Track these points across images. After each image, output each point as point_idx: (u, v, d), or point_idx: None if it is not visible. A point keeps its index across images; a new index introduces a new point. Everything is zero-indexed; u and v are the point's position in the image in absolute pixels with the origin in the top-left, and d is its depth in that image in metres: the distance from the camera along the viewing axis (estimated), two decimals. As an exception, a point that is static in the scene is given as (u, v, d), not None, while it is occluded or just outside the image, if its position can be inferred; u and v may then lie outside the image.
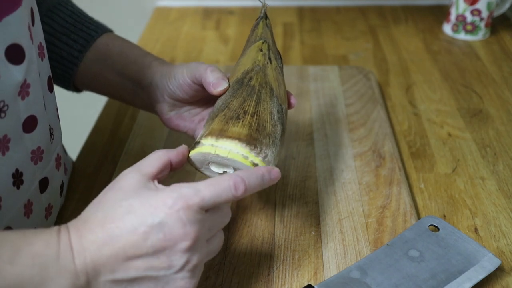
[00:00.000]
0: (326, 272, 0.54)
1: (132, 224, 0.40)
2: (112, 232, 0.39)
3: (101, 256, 0.39)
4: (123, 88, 0.63)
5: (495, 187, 0.66)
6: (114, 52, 0.64)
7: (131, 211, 0.40)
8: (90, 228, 0.40)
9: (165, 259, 0.41)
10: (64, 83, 0.66)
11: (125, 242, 0.39)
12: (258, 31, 0.59)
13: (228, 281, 0.53)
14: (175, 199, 0.41)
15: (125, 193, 0.42)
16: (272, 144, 0.50)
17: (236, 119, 0.50)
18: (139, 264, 0.40)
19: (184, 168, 0.48)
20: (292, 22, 1.11)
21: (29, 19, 0.47)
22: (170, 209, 0.40)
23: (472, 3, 0.99)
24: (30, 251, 0.38)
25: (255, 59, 0.56)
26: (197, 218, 0.41)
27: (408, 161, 0.71)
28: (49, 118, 0.53)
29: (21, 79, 0.45)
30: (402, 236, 0.55)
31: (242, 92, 0.53)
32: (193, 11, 1.16)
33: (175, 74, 0.58)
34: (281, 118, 0.53)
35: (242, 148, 0.48)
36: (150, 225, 0.40)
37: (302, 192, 0.64)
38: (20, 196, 0.49)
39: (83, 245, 0.39)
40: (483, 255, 0.53)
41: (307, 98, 0.82)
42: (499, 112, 0.81)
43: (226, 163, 0.49)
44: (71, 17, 0.64)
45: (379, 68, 0.94)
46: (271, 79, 0.54)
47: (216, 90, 0.54)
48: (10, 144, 0.45)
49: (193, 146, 0.50)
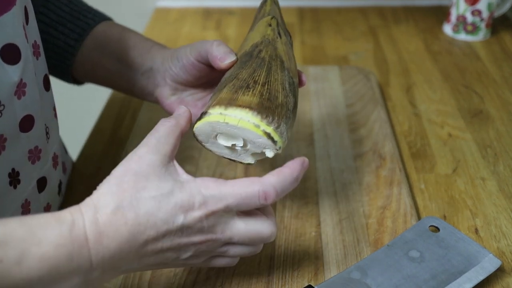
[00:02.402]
0: (326, 272, 0.54)
1: (155, 223, 0.40)
2: (135, 230, 0.39)
3: (121, 253, 0.39)
4: (122, 75, 0.62)
5: (495, 187, 0.66)
6: (112, 39, 0.62)
7: (155, 208, 0.40)
8: (111, 224, 0.38)
9: (175, 254, 0.42)
10: (62, 74, 0.65)
11: (146, 239, 0.40)
12: (267, 8, 0.57)
13: (229, 281, 0.53)
14: (200, 204, 0.41)
15: (147, 182, 0.40)
16: (284, 115, 0.47)
17: (246, 88, 0.47)
18: (153, 259, 0.41)
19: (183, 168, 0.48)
20: (292, 22, 1.11)
21: (24, 18, 0.47)
22: (193, 213, 0.40)
23: (472, 4, 0.99)
24: (39, 253, 0.36)
25: (264, 34, 0.53)
26: (218, 222, 0.42)
27: (408, 161, 0.71)
28: (45, 118, 0.53)
29: (17, 79, 0.45)
30: (403, 236, 0.55)
31: (252, 64, 0.50)
32: (193, 11, 1.16)
33: (178, 55, 0.57)
34: (293, 90, 0.50)
35: (253, 117, 0.45)
36: (172, 226, 0.40)
37: (302, 193, 0.64)
38: (17, 195, 0.49)
39: (102, 243, 0.38)
40: (484, 256, 0.53)
41: (307, 98, 0.82)
42: (499, 112, 0.81)
43: (236, 134, 0.46)
44: (68, 6, 0.63)
45: (380, 68, 0.94)
46: (281, 52, 0.52)
47: (224, 63, 0.52)
48: (7, 144, 0.45)
49: (200, 117, 0.47)
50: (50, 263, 0.36)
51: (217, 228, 0.42)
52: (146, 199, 0.40)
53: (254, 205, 0.42)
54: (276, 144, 0.46)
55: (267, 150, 0.47)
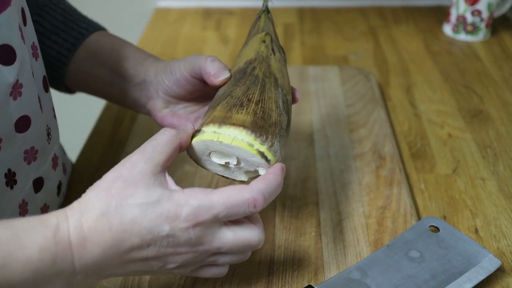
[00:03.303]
0: (326, 272, 0.54)
1: (139, 231, 0.39)
2: (120, 236, 0.39)
3: (104, 259, 0.39)
4: (114, 86, 0.61)
5: (495, 187, 0.66)
6: (105, 49, 0.62)
7: (140, 216, 0.39)
8: (96, 229, 0.39)
9: (161, 263, 0.41)
10: (55, 83, 0.65)
11: (131, 246, 0.39)
12: (260, 24, 0.57)
13: (228, 282, 0.53)
14: (187, 214, 0.40)
15: (135, 189, 0.40)
16: (278, 133, 0.47)
17: (240, 106, 0.47)
18: (137, 266, 0.41)
19: (183, 168, 0.48)
20: (292, 22, 1.11)
21: (20, 20, 0.47)
22: (179, 223, 0.40)
23: (472, 4, 0.99)
24: (23, 256, 0.36)
25: (258, 50, 0.53)
26: (206, 232, 0.41)
27: (408, 161, 0.71)
28: (46, 118, 0.53)
29: (12, 80, 0.45)
30: (403, 236, 0.55)
31: (246, 81, 0.50)
32: (193, 11, 1.16)
33: (172, 68, 0.56)
34: (286, 108, 0.50)
35: (247, 136, 0.45)
36: (157, 235, 0.40)
37: (302, 193, 0.64)
38: (14, 196, 0.49)
39: (86, 248, 0.38)
40: (484, 256, 0.53)
41: (307, 98, 0.82)
42: (499, 112, 0.81)
43: (229, 152, 0.46)
44: (62, 15, 0.63)
45: (380, 68, 0.94)
46: (275, 69, 0.52)
47: (217, 80, 0.52)
48: (2, 144, 0.45)
49: (194, 135, 0.47)
50: (34, 266, 0.36)
51: (205, 239, 0.42)
52: (132, 207, 0.40)
53: (243, 213, 0.42)
54: (269, 162, 0.46)
55: (261, 168, 0.48)
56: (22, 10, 0.48)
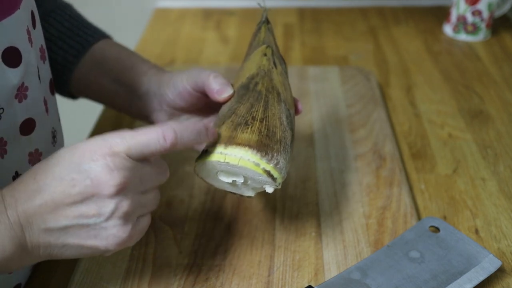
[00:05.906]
0: (326, 273, 0.54)
1: (60, 172, 0.40)
2: (42, 181, 0.40)
3: (31, 206, 0.40)
4: (118, 95, 0.62)
5: (495, 188, 0.66)
6: (110, 58, 0.63)
7: (60, 162, 0.40)
8: (21, 179, 0.41)
9: (93, 206, 0.40)
10: (58, 88, 0.65)
11: (53, 190, 0.40)
12: (261, 36, 0.57)
13: (228, 282, 0.53)
14: (101, 146, 0.41)
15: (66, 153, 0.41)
16: (283, 150, 0.48)
17: (245, 125, 0.48)
18: (68, 212, 0.40)
19: (183, 168, 0.48)
20: (292, 22, 1.11)
21: (29, 22, 0.47)
22: (96, 155, 0.40)
23: (472, 4, 0.99)
24: None
25: (259, 64, 0.54)
26: (125, 165, 0.41)
27: (408, 162, 0.71)
28: (52, 121, 0.53)
29: (17, 82, 0.45)
30: (403, 237, 0.55)
31: (249, 98, 0.51)
32: (193, 12, 1.16)
33: (175, 82, 0.57)
34: (290, 123, 0.51)
35: (253, 155, 0.46)
36: (77, 172, 0.40)
37: (302, 193, 0.64)
38: None
39: (14, 196, 0.40)
40: (484, 256, 0.53)
41: (307, 98, 0.82)
42: (499, 113, 0.81)
43: (236, 172, 0.47)
44: (69, 21, 0.64)
45: (380, 68, 0.94)
46: (277, 83, 0.53)
47: (221, 97, 0.53)
48: (8, 147, 0.46)
49: (200, 155, 0.48)
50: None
51: (125, 173, 0.41)
52: (53, 157, 0.41)
53: (155, 147, 0.42)
54: (275, 181, 0.47)
55: (267, 186, 0.49)
56: (32, 13, 0.48)
